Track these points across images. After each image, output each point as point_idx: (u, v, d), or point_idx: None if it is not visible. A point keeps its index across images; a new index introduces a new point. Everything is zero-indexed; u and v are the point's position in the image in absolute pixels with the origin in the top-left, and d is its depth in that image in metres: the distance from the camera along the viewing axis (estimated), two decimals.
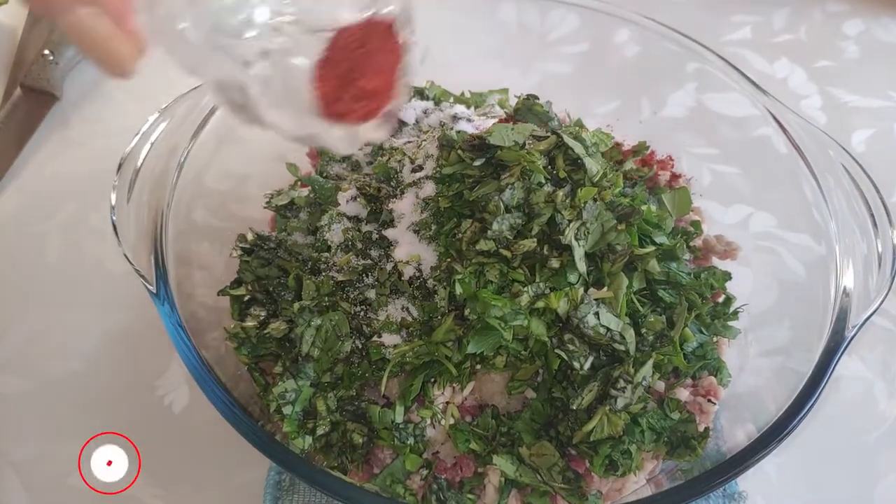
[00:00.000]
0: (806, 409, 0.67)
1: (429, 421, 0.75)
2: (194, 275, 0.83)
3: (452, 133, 0.81)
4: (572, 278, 0.73)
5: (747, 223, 1.02)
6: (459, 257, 0.75)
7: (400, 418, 0.74)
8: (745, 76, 0.94)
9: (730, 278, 0.86)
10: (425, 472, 0.74)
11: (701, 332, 0.81)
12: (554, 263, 0.72)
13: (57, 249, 1.05)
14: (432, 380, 0.75)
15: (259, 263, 0.83)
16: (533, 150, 0.75)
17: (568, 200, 0.73)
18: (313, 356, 0.74)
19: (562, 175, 0.76)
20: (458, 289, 0.72)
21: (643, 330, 0.75)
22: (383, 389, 0.75)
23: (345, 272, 0.78)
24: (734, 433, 0.76)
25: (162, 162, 0.81)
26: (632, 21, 1.04)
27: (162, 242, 0.75)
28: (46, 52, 1.20)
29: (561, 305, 0.71)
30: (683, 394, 0.78)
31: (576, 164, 0.77)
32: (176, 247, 0.79)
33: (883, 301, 0.72)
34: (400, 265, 0.77)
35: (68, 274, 1.03)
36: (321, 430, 0.73)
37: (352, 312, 0.77)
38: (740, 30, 1.39)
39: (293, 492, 0.82)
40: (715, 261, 0.92)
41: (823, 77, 1.30)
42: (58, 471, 0.83)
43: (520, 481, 0.72)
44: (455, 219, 0.77)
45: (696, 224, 0.92)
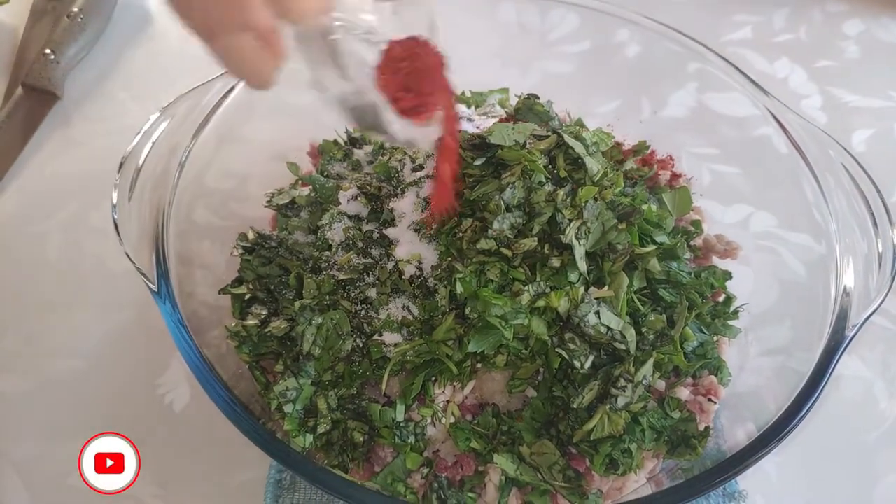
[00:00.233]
0: (806, 409, 0.67)
1: (429, 419, 0.75)
2: (195, 274, 0.83)
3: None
4: (573, 277, 0.73)
5: (747, 223, 1.02)
6: (460, 256, 0.75)
7: (401, 417, 0.74)
8: (746, 76, 0.94)
9: (730, 278, 0.86)
10: (426, 471, 0.74)
11: (701, 332, 0.81)
12: (555, 262, 0.73)
13: (58, 248, 1.05)
14: (433, 378, 0.76)
15: (260, 262, 0.83)
16: (534, 150, 0.75)
17: (569, 200, 0.73)
18: (314, 355, 0.75)
19: (562, 174, 0.76)
20: (459, 288, 0.72)
21: (644, 329, 0.75)
22: (384, 388, 0.75)
23: (346, 271, 0.78)
24: (734, 432, 0.76)
25: (163, 161, 0.81)
26: (632, 21, 1.04)
27: (163, 241, 0.76)
28: (48, 52, 1.20)
29: (562, 304, 0.71)
30: (684, 393, 0.78)
31: (576, 164, 0.77)
32: (177, 245, 0.79)
33: (883, 301, 0.72)
34: (401, 264, 0.78)
35: (69, 273, 1.03)
36: (322, 429, 0.73)
37: (353, 311, 0.77)
38: (741, 30, 1.39)
39: (294, 490, 0.82)
40: (715, 260, 0.92)
41: (824, 77, 1.30)
42: (58, 470, 0.83)
43: (520, 480, 0.72)
44: (456, 218, 0.77)
45: (697, 223, 0.92)
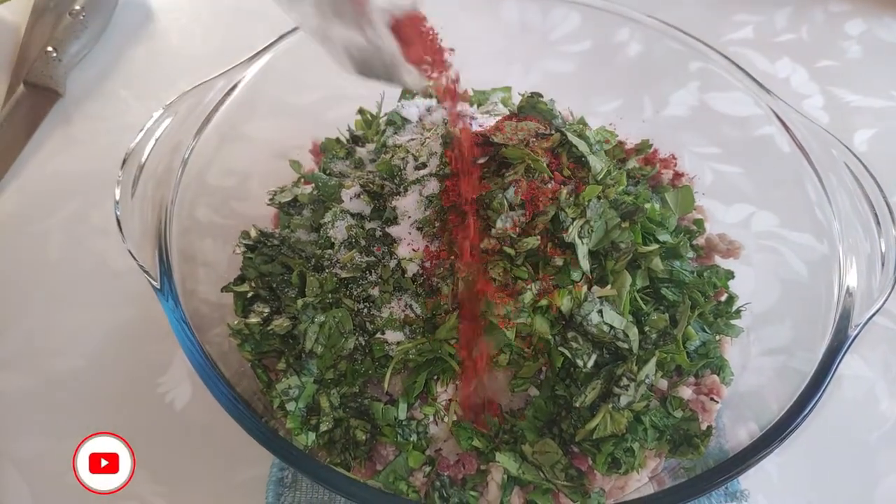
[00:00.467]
0: (809, 409, 0.67)
1: (431, 418, 0.75)
2: (197, 271, 0.83)
3: (456, 130, 0.81)
4: (576, 276, 0.73)
5: (749, 222, 1.02)
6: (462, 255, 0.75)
7: (403, 415, 0.74)
8: (749, 75, 0.94)
9: (732, 277, 0.86)
10: (428, 469, 0.74)
11: (704, 331, 0.81)
12: (557, 261, 0.73)
13: (59, 247, 1.05)
14: (435, 377, 0.76)
15: (262, 260, 0.83)
16: (537, 148, 0.75)
17: (572, 198, 0.73)
18: (317, 353, 0.74)
19: (566, 173, 0.76)
20: (462, 286, 0.72)
21: (646, 328, 0.75)
22: (386, 386, 0.75)
23: (348, 269, 0.78)
24: (736, 432, 0.76)
25: (166, 158, 0.81)
26: (634, 20, 1.04)
27: (166, 238, 0.75)
28: (50, 49, 1.20)
29: (564, 303, 0.71)
30: (686, 392, 0.78)
31: (580, 162, 0.77)
32: (179, 243, 0.79)
33: (886, 300, 0.72)
34: (403, 262, 0.77)
35: (70, 271, 1.03)
36: (324, 427, 0.73)
37: (355, 309, 0.77)
38: (742, 29, 1.39)
39: (295, 488, 0.81)
40: (717, 259, 0.92)
41: (825, 77, 1.30)
42: (59, 468, 0.82)
43: (522, 479, 0.72)
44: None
45: (699, 222, 0.92)
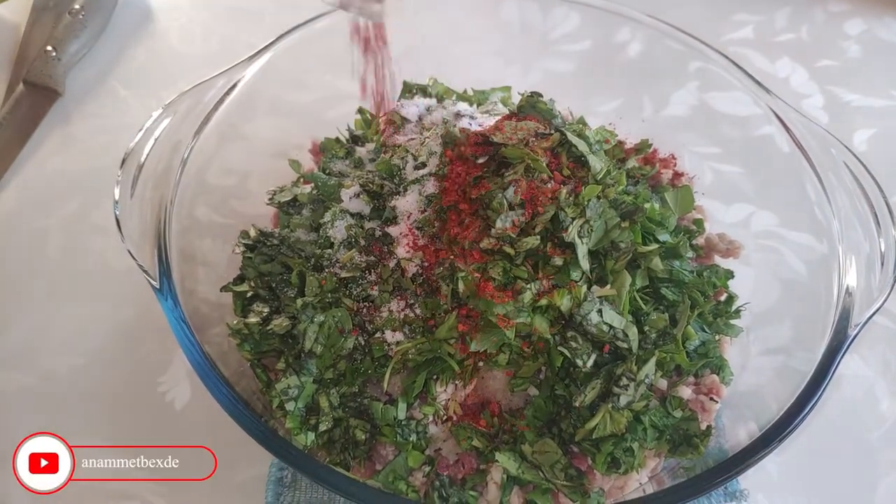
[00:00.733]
0: (808, 408, 0.67)
1: (431, 418, 0.75)
2: (197, 271, 0.83)
3: (456, 130, 0.81)
4: (575, 276, 0.73)
5: (749, 222, 1.02)
6: (462, 254, 0.75)
7: (402, 415, 0.74)
8: (748, 74, 0.94)
9: (732, 276, 0.86)
10: (428, 469, 0.74)
11: (703, 331, 0.81)
12: (557, 261, 0.72)
13: (59, 246, 1.05)
14: (435, 377, 0.75)
15: (262, 260, 0.83)
16: (536, 148, 0.75)
17: (571, 198, 0.73)
18: (316, 352, 0.74)
19: (565, 172, 0.76)
20: (461, 286, 0.72)
21: (646, 328, 0.75)
22: (386, 386, 0.75)
23: (348, 269, 0.78)
24: (736, 431, 0.76)
25: (165, 158, 0.81)
26: (634, 19, 1.04)
27: (165, 238, 0.75)
28: (49, 49, 1.20)
29: (564, 303, 0.71)
30: (686, 392, 0.78)
31: (579, 162, 0.77)
32: (179, 243, 0.79)
33: (886, 300, 0.72)
34: (403, 262, 0.77)
35: (70, 270, 1.03)
36: (324, 427, 0.73)
37: (355, 309, 0.77)
38: (742, 29, 1.39)
39: (295, 488, 0.81)
40: (717, 259, 0.92)
41: (825, 76, 1.30)
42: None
43: (522, 478, 0.72)
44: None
45: (699, 222, 0.92)
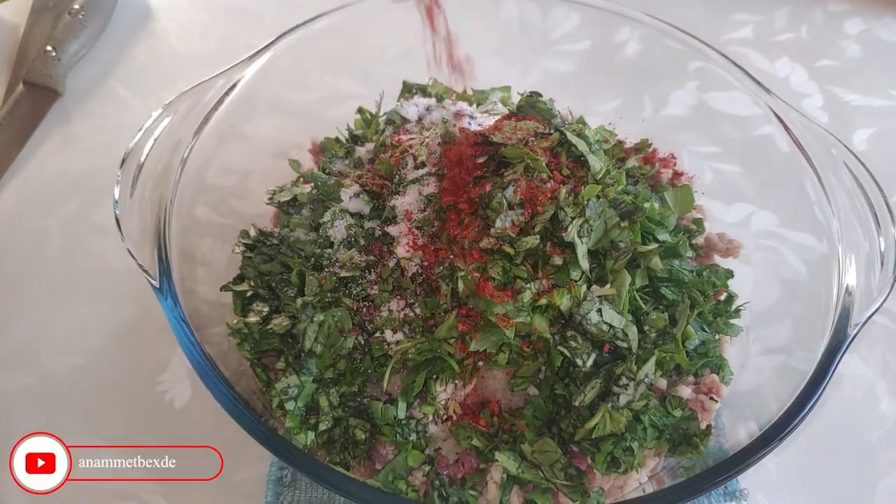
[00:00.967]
0: (808, 407, 0.67)
1: (431, 417, 0.75)
2: (196, 271, 0.83)
3: (455, 130, 0.81)
4: (575, 275, 0.73)
5: (748, 222, 1.03)
6: (462, 254, 0.75)
7: (402, 414, 0.74)
8: (748, 74, 0.94)
9: (732, 276, 0.86)
10: (427, 469, 0.74)
11: (703, 330, 0.81)
12: (557, 260, 0.72)
13: (58, 245, 1.05)
14: (434, 376, 0.75)
15: (261, 259, 0.83)
16: (536, 147, 0.75)
17: (571, 197, 0.73)
18: (316, 352, 0.74)
19: (565, 172, 0.76)
20: (461, 285, 0.72)
21: (646, 327, 0.75)
22: (385, 386, 0.75)
23: (347, 268, 0.78)
24: (736, 431, 0.76)
25: (165, 158, 0.81)
26: (633, 19, 1.04)
27: (165, 237, 0.75)
28: (49, 49, 1.20)
29: (564, 302, 0.71)
30: (685, 391, 0.78)
31: (579, 162, 0.77)
32: (178, 242, 0.79)
33: (886, 299, 0.72)
34: (402, 261, 0.77)
35: (70, 270, 1.03)
36: (324, 426, 0.73)
37: (354, 309, 0.77)
38: (741, 29, 1.39)
39: (294, 487, 0.81)
40: (717, 259, 0.92)
41: (824, 76, 1.30)
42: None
43: (522, 478, 0.72)
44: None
45: (699, 222, 0.92)
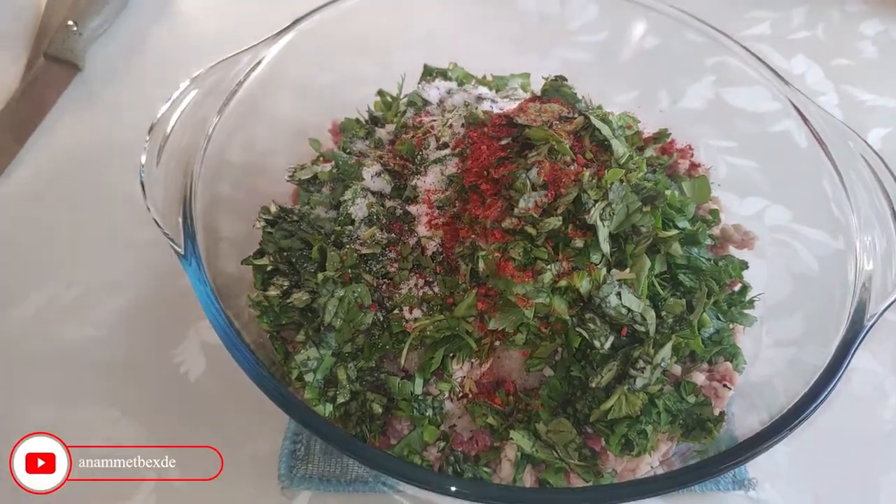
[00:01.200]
0: (824, 396, 0.67)
1: (447, 394, 0.76)
2: (218, 245, 0.83)
3: (479, 112, 0.81)
4: (595, 258, 0.73)
5: (762, 216, 1.03)
6: (483, 234, 0.75)
7: (419, 390, 0.75)
8: (768, 65, 0.94)
9: (747, 267, 0.87)
10: (442, 444, 0.75)
11: (718, 318, 0.82)
12: (578, 243, 0.73)
13: (75, 219, 1.06)
14: (452, 354, 0.76)
15: (282, 235, 0.84)
16: (560, 130, 0.76)
17: (594, 181, 0.74)
18: (335, 326, 0.75)
19: (588, 156, 0.76)
20: (481, 265, 0.73)
21: (663, 312, 0.75)
22: (403, 362, 0.75)
23: (368, 245, 0.79)
24: (746, 421, 0.76)
25: (189, 131, 0.81)
26: (652, 9, 1.05)
27: (190, 203, 0.76)
28: (70, 23, 1.20)
29: (583, 285, 0.72)
30: (699, 378, 0.79)
31: (602, 146, 0.77)
32: (200, 216, 0.79)
33: None
34: (423, 240, 0.78)
35: (87, 243, 1.03)
36: (341, 399, 0.73)
37: (374, 285, 0.77)
38: (758, 25, 1.40)
39: (308, 461, 0.82)
40: (731, 250, 0.93)
41: (840, 75, 1.31)
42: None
43: (536, 457, 0.73)
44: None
45: (715, 213, 0.92)
